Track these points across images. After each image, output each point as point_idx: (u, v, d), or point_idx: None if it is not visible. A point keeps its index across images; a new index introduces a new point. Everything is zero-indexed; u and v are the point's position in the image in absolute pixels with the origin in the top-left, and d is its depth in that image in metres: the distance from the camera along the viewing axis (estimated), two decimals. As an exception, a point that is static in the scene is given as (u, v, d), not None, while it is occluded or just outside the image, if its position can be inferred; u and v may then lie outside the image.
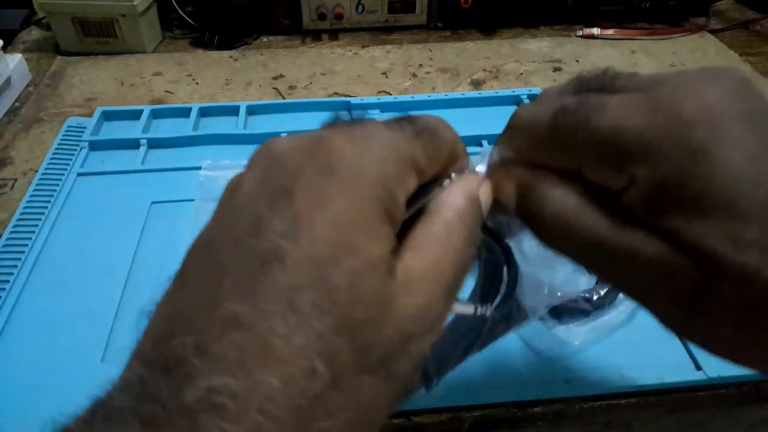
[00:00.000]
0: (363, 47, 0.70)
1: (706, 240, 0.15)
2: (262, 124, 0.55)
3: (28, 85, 0.62)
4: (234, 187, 0.17)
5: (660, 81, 0.17)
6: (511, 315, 0.26)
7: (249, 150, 0.18)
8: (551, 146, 0.19)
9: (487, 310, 0.22)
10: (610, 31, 0.72)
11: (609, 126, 0.17)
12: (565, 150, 0.18)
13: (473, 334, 0.26)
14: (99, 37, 0.67)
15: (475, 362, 0.34)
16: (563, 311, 0.36)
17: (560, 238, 0.19)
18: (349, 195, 0.15)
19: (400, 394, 0.16)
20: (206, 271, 0.15)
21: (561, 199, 0.19)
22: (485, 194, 0.20)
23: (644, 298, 0.18)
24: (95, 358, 0.34)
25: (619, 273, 0.18)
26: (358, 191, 0.15)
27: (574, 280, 0.39)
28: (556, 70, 0.66)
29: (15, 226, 0.43)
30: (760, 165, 0.15)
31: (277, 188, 0.15)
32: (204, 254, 0.15)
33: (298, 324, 0.13)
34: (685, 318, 0.17)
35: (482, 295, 0.24)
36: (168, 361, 0.13)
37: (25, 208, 0.44)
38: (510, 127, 0.21)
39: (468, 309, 0.22)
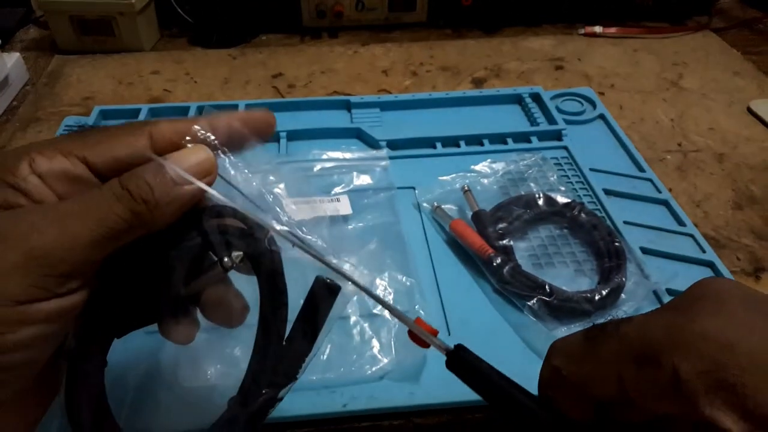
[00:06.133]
0: (363, 45, 0.70)
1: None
2: (261, 123, 0.54)
3: (25, 84, 0.62)
4: None
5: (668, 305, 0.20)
6: None
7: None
8: (588, 360, 0.20)
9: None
10: (613, 30, 0.71)
11: (636, 325, 0.19)
12: (601, 363, 0.20)
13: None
14: (97, 35, 0.66)
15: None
16: (564, 312, 0.36)
17: None
18: None
19: None
20: None
21: None
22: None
23: None
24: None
25: None
26: None
27: (575, 280, 0.39)
28: (558, 68, 0.65)
29: (11, 225, 0.42)
30: None
31: None
32: None
33: None
34: None
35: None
36: None
37: (21, 207, 0.44)
38: (549, 352, 0.23)
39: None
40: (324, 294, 0.22)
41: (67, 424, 0.21)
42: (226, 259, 0.22)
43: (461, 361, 0.21)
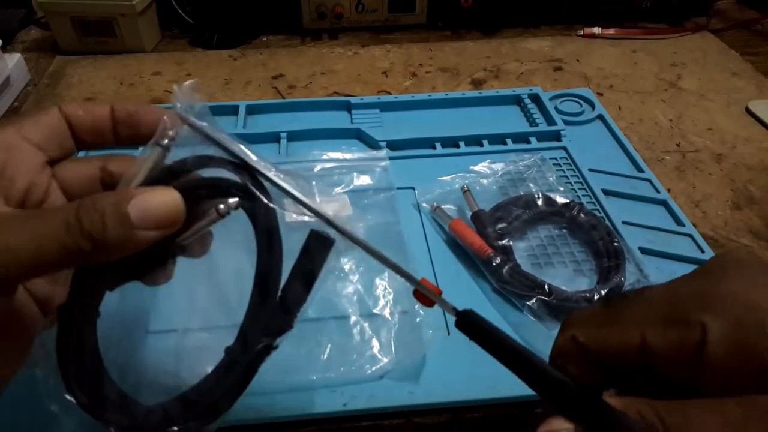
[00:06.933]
0: (363, 46, 0.70)
1: None
2: (262, 124, 0.55)
3: (27, 85, 0.62)
4: None
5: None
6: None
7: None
8: (610, 324, 0.20)
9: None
10: (611, 31, 0.72)
11: (662, 290, 0.19)
12: (624, 325, 0.19)
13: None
14: (98, 36, 0.66)
15: (476, 362, 0.34)
16: (563, 312, 0.36)
17: None
18: None
19: None
20: None
21: None
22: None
23: None
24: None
25: None
26: None
27: (574, 280, 0.40)
28: (557, 69, 0.66)
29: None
30: None
31: None
32: None
33: None
34: None
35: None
36: None
37: (23, 207, 0.44)
38: (566, 323, 0.22)
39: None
40: (319, 246, 0.23)
41: (60, 376, 0.21)
42: (221, 206, 0.22)
43: (471, 320, 0.22)
